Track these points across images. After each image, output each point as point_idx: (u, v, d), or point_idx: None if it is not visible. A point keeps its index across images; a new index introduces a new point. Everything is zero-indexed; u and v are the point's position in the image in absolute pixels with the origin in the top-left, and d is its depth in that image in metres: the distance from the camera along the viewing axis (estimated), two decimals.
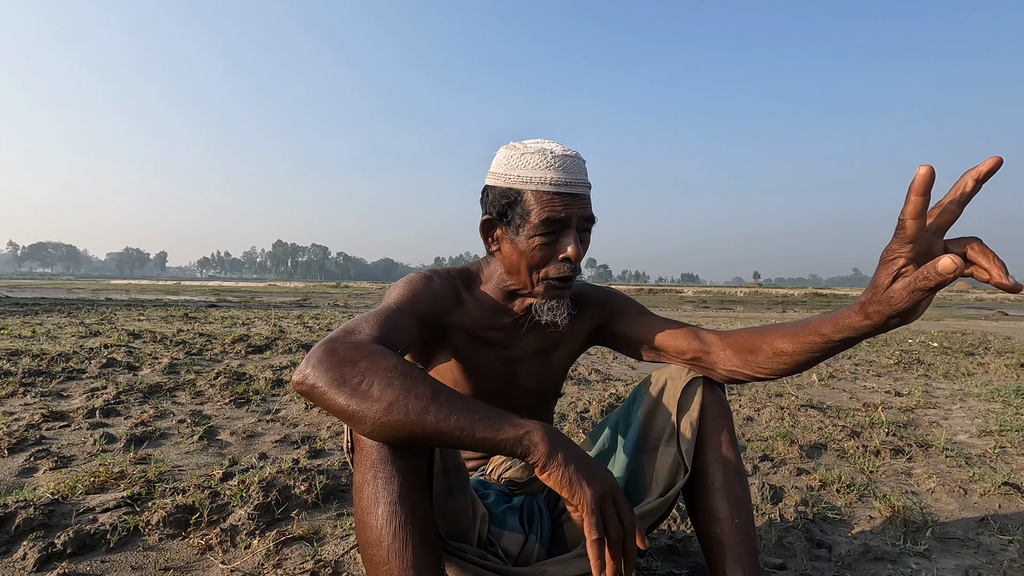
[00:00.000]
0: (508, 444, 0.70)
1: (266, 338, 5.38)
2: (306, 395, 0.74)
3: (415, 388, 0.71)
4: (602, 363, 4.67)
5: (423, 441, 0.72)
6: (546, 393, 1.16)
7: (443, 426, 0.70)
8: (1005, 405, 3.20)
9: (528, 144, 0.97)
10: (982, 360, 4.98)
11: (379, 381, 0.71)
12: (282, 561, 1.31)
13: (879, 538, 1.51)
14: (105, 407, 2.59)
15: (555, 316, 1.01)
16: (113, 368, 3.62)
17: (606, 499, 0.71)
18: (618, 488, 0.73)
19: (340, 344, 0.76)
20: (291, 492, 1.63)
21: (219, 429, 2.40)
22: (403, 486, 0.74)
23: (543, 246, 0.96)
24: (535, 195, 0.94)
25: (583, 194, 0.97)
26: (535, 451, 0.70)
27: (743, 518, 0.95)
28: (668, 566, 1.33)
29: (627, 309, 1.14)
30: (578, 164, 0.97)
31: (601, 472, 0.73)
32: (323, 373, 0.73)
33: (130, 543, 1.37)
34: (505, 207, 0.97)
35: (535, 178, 0.94)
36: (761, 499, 1.72)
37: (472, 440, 0.70)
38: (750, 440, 2.40)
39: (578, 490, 0.69)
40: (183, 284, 42.13)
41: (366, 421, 0.71)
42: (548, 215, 0.93)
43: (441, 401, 0.70)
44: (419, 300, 0.97)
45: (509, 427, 0.71)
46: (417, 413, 0.70)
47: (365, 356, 0.74)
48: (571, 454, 0.71)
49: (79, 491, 1.62)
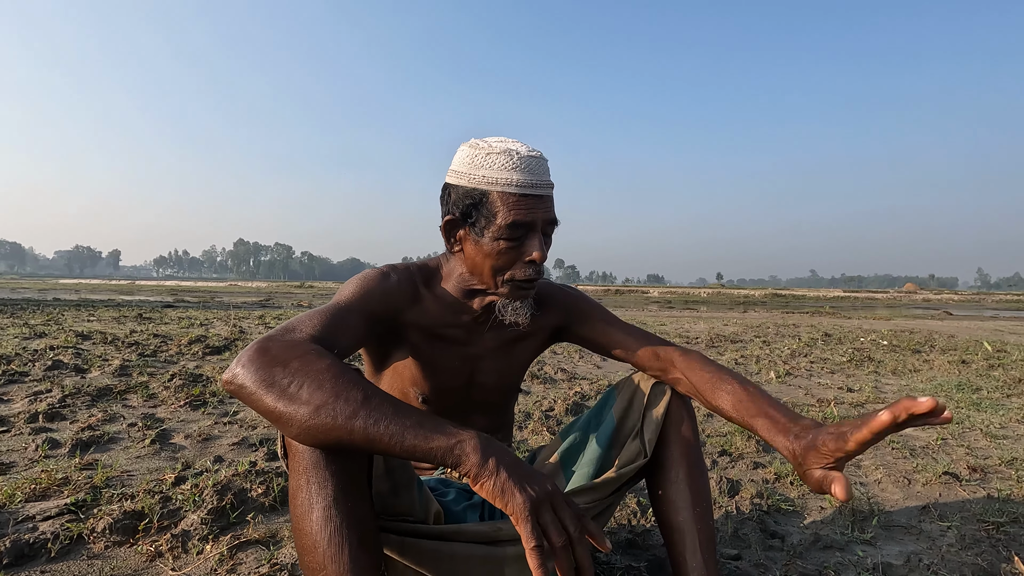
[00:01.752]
0: (439, 453, 0.68)
1: (225, 339, 5.22)
2: (235, 394, 0.72)
3: (345, 392, 0.69)
4: (568, 362, 4.71)
5: (352, 447, 0.70)
6: (507, 389, 1.16)
7: (371, 432, 0.68)
8: (947, 399, 3.37)
9: (492, 143, 0.95)
10: (928, 357, 5.23)
11: (309, 383, 0.69)
12: (236, 566, 1.27)
13: (829, 527, 1.57)
14: (49, 411, 2.47)
15: (518, 316, 1.01)
16: (59, 370, 3.45)
17: (542, 505, 0.68)
18: (559, 493, 0.71)
19: (274, 343, 0.74)
20: (247, 495, 1.58)
21: (173, 432, 2.31)
22: (337, 489, 0.72)
23: (508, 249, 0.94)
24: (501, 196, 0.92)
25: (548, 195, 0.96)
26: (466, 461, 0.68)
27: (703, 508, 0.99)
28: (627, 559, 1.35)
29: (592, 315, 1.14)
30: (543, 165, 0.95)
31: (537, 478, 0.70)
32: (252, 372, 0.70)
33: (73, 552, 1.31)
34: (469, 208, 0.95)
35: (501, 179, 0.92)
36: (719, 492, 1.76)
37: (401, 448, 0.68)
38: (710, 436, 2.46)
39: (510, 498, 0.67)
40: (138, 284, 40.52)
41: (293, 424, 0.69)
42: (515, 218, 0.92)
43: (372, 406, 0.68)
44: (370, 298, 0.95)
45: (441, 436, 0.69)
46: (345, 418, 0.67)
47: (298, 356, 0.72)
48: (504, 462, 0.69)
49: (18, 499, 1.54)
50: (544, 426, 2.55)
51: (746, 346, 6.00)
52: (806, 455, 0.79)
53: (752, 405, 0.92)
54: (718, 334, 7.23)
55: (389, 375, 1.08)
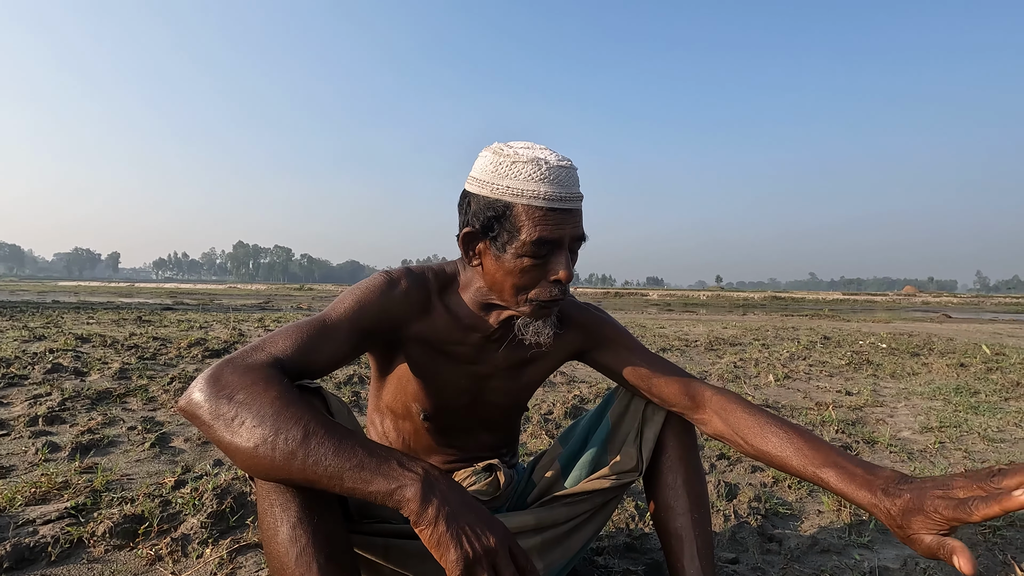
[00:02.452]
0: (378, 497, 0.65)
1: (224, 342, 5.22)
2: (189, 421, 0.71)
3: (286, 428, 0.66)
4: (567, 365, 4.71)
5: (294, 485, 0.69)
6: (513, 409, 1.12)
7: (309, 473, 0.66)
8: (945, 403, 3.38)
9: (519, 150, 0.87)
10: (926, 360, 5.24)
11: (251, 419, 0.67)
12: (236, 570, 1.28)
13: (826, 531, 1.58)
14: (49, 414, 2.47)
15: (539, 337, 0.94)
16: (59, 374, 3.45)
17: (477, 564, 0.63)
18: (503, 549, 0.66)
19: (229, 369, 0.72)
20: (246, 499, 1.59)
21: (172, 436, 2.32)
22: (302, 509, 0.71)
23: (533, 267, 0.87)
24: (527, 210, 0.84)
25: (577, 209, 0.88)
26: (406, 506, 0.65)
27: (701, 513, 0.98)
28: (625, 563, 1.35)
29: (616, 341, 1.06)
30: (573, 176, 0.87)
31: (482, 529, 0.65)
32: (203, 402, 0.70)
33: (73, 555, 1.31)
34: (491, 220, 0.87)
35: (527, 191, 0.84)
36: (717, 496, 1.77)
37: (341, 489, 0.66)
38: (708, 440, 2.47)
39: (444, 552, 0.63)
40: (137, 286, 40.50)
41: (236, 459, 0.68)
42: (541, 235, 0.84)
43: (311, 446, 0.66)
44: (364, 314, 0.89)
45: (380, 479, 0.65)
46: (284, 457, 0.66)
47: (246, 387, 0.70)
48: (445, 510, 0.65)
49: (18, 503, 1.54)
50: (543, 429, 2.56)
51: (745, 349, 6.01)
52: (910, 519, 0.69)
53: (816, 454, 0.82)
54: (717, 337, 7.24)
55: (392, 385, 1.04)
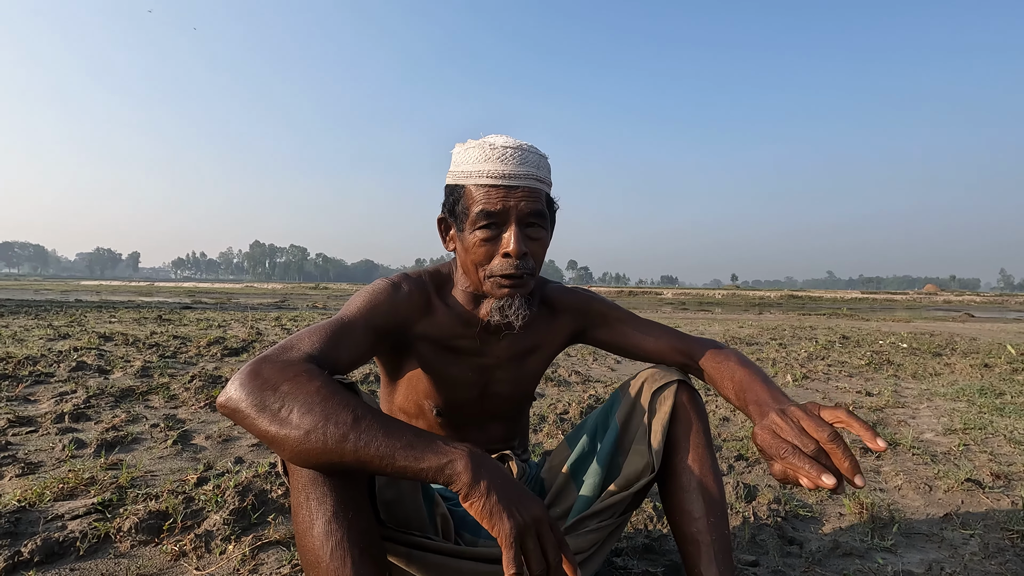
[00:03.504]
0: (430, 472, 0.68)
1: (243, 340, 5.29)
2: (229, 417, 0.73)
3: (336, 414, 0.69)
4: (582, 364, 4.70)
5: (344, 469, 0.71)
6: (521, 398, 1.16)
7: (362, 455, 0.68)
8: (969, 404, 3.31)
9: (479, 140, 0.96)
10: (949, 361, 5.14)
11: (299, 407, 0.70)
12: (258, 566, 1.30)
13: (848, 534, 1.55)
14: (75, 411, 2.52)
15: (508, 317, 0.96)
16: (83, 371, 3.52)
17: (527, 532, 0.68)
18: (545, 519, 0.70)
19: (267, 365, 0.75)
20: (268, 496, 1.61)
21: (194, 433, 2.36)
22: (338, 504, 0.73)
23: (484, 241, 0.93)
24: (475, 189, 0.93)
25: (525, 187, 0.92)
26: (457, 480, 0.68)
27: (717, 516, 0.95)
28: (644, 564, 1.35)
29: (608, 316, 1.14)
30: (523, 155, 0.93)
31: (527, 502, 0.70)
32: (245, 396, 0.71)
33: (101, 550, 1.34)
34: (453, 204, 0.96)
35: (475, 171, 0.93)
36: (736, 498, 1.75)
37: (393, 468, 0.68)
38: (726, 440, 2.45)
39: (497, 521, 0.67)
40: (157, 285, 41.18)
41: (285, 448, 0.70)
42: (483, 207, 0.91)
43: (361, 428, 0.69)
44: (376, 312, 0.94)
45: (432, 455, 0.69)
46: (335, 441, 0.68)
47: (289, 379, 0.72)
48: (495, 483, 0.69)
49: (47, 498, 1.58)
50: (559, 429, 2.56)
51: (762, 348, 5.94)
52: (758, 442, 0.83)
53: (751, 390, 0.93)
54: (733, 336, 7.17)
55: (403, 387, 1.07)
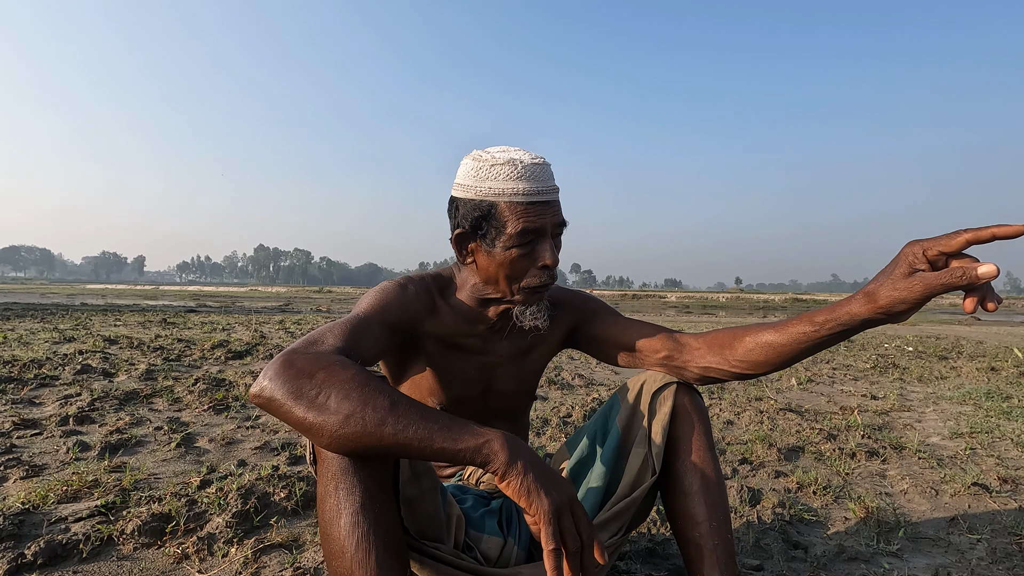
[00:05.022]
0: (467, 453, 0.70)
1: (246, 343, 5.31)
2: (264, 407, 0.74)
3: (372, 399, 0.70)
4: (585, 368, 4.69)
5: (381, 453, 0.72)
6: (522, 395, 1.17)
7: (400, 437, 0.69)
8: (976, 408, 3.29)
9: (496, 154, 0.97)
10: (955, 364, 5.10)
11: (336, 393, 0.71)
12: (260, 569, 1.30)
13: (853, 538, 1.54)
14: (79, 414, 2.53)
15: (536, 321, 1.02)
16: (88, 374, 3.54)
17: (564, 510, 0.70)
18: (576, 499, 0.73)
19: (299, 355, 0.76)
20: (270, 499, 1.61)
21: (197, 436, 2.36)
22: (365, 496, 0.74)
23: (521, 257, 0.96)
24: (509, 206, 0.94)
25: (554, 200, 0.98)
26: (495, 460, 0.70)
27: (720, 521, 0.95)
28: (648, 568, 1.34)
29: (600, 312, 1.16)
30: (547, 171, 0.97)
31: (560, 482, 0.72)
32: (280, 385, 0.72)
33: (104, 553, 1.34)
34: (478, 220, 0.97)
35: (507, 189, 0.94)
36: (740, 501, 1.74)
37: (431, 451, 0.70)
38: (730, 443, 2.43)
39: (536, 499, 0.69)
40: (162, 289, 41.34)
41: (323, 434, 0.71)
42: (524, 226, 0.94)
43: (399, 412, 0.70)
44: (389, 309, 0.97)
45: (468, 436, 0.71)
46: (374, 425, 0.69)
47: (323, 367, 0.74)
48: (530, 463, 0.71)
49: (51, 500, 1.58)
50: (562, 432, 2.55)
51: None
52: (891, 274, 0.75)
53: (796, 316, 0.89)
54: None
55: (407, 387, 1.09)
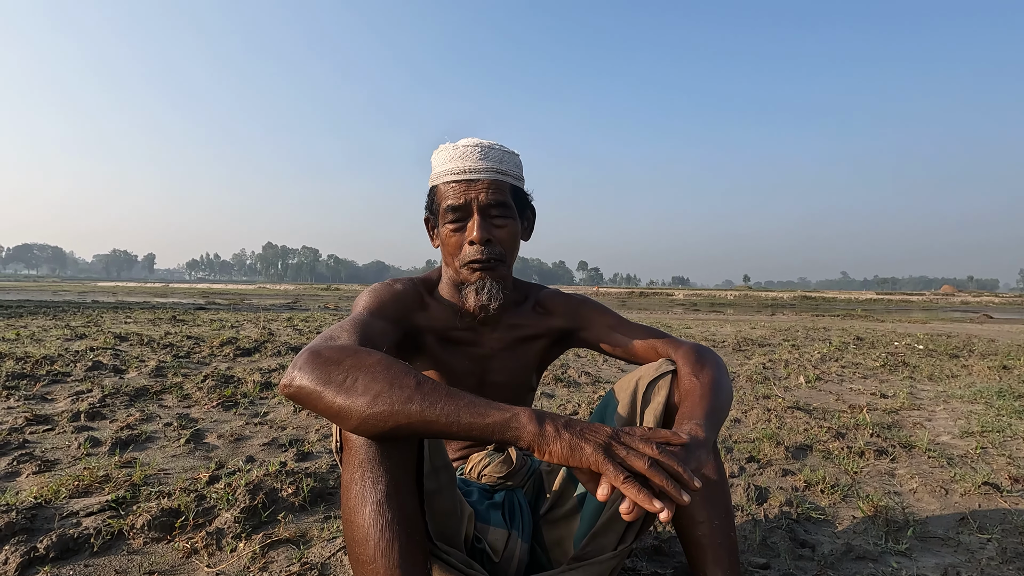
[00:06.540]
0: (496, 428, 0.70)
1: (255, 341, 5.35)
2: (294, 397, 0.76)
3: (399, 379, 0.72)
4: (592, 365, 4.68)
5: (410, 432, 0.72)
6: (519, 389, 1.19)
7: (428, 415, 0.70)
8: (987, 406, 3.25)
9: (448, 144, 1.06)
10: (966, 362, 5.05)
11: (363, 376, 0.73)
12: (268, 564, 1.31)
13: (862, 537, 1.53)
14: (90, 410, 2.56)
15: (483, 299, 1.04)
16: (99, 371, 3.58)
17: (612, 443, 0.68)
18: (620, 430, 0.72)
19: (324, 347, 0.79)
20: (278, 495, 1.62)
21: (206, 432, 2.38)
22: (390, 485, 0.75)
23: (453, 232, 1.04)
24: (444, 186, 1.04)
25: (485, 179, 1.02)
26: (523, 432, 0.69)
27: (723, 519, 0.94)
28: (653, 566, 1.34)
29: (596, 321, 1.17)
30: (484, 152, 1.02)
31: (594, 427, 0.71)
32: (309, 374, 0.75)
33: (114, 547, 1.36)
34: (430, 203, 1.09)
35: (443, 171, 1.04)
36: (746, 500, 1.74)
37: (459, 426, 0.70)
38: (737, 442, 2.42)
39: (580, 452, 0.67)
40: (171, 286, 41.74)
41: (352, 416, 0.72)
42: (449, 202, 1.02)
43: (425, 391, 0.72)
44: (385, 305, 1.02)
45: (495, 411, 0.71)
46: (402, 403, 0.70)
47: (349, 355, 0.76)
48: (560, 425, 0.70)
49: (63, 495, 1.60)
50: None
51: (774, 350, 5.88)
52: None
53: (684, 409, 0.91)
54: (745, 337, 7.11)
55: None
